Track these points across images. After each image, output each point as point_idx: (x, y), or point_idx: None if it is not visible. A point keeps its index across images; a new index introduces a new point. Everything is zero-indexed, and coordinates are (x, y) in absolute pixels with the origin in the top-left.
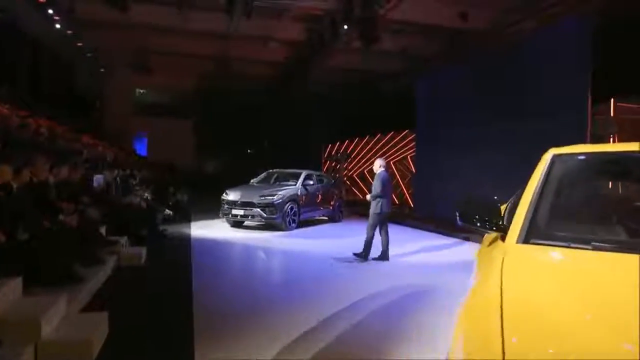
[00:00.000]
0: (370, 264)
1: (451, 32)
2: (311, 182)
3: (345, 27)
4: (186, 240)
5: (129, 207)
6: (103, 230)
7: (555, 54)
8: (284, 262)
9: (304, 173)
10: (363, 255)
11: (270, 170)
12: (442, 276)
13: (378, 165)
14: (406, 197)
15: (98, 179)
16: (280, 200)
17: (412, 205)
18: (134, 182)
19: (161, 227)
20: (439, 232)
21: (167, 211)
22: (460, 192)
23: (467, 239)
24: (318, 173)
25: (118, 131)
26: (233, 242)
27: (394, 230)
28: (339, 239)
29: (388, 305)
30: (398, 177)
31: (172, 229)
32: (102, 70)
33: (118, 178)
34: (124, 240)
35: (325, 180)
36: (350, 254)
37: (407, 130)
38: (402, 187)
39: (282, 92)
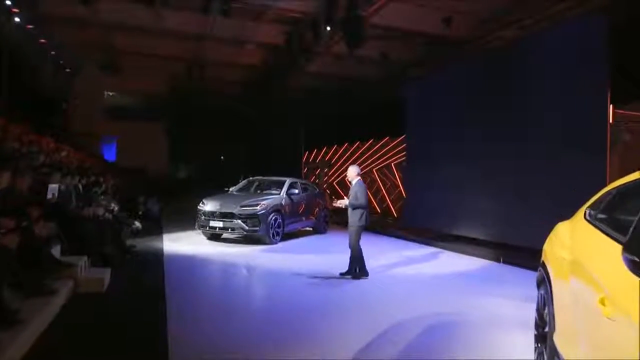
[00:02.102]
0: (367, 283)
1: (433, 38)
2: (296, 191)
3: (328, 28)
4: (158, 257)
5: (91, 221)
6: (57, 250)
7: (566, 55)
8: (275, 285)
9: (288, 181)
10: (364, 274)
11: (251, 178)
12: (453, 298)
13: (355, 173)
14: (389, 205)
15: (53, 189)
16: (264, 211)
17: (395, 215)
18: (99, 191)
19: (129, 243)
20: (427, 244)
21: (136, 224)
22: (456, 201)
23: (455, 250)
24: (302, 181)
25: (85, 135)
26: (212, 260)
27: (381, 242)
28: (330, 254)
29: (416, 346)
30: (380, 185)
31: (142, 244)
32: (68, 70)
33: (80, 186)
34: (82, 261)
35: (309, 189)
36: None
37: (387, 138)
38: (385, 195)
39: (258, 97)
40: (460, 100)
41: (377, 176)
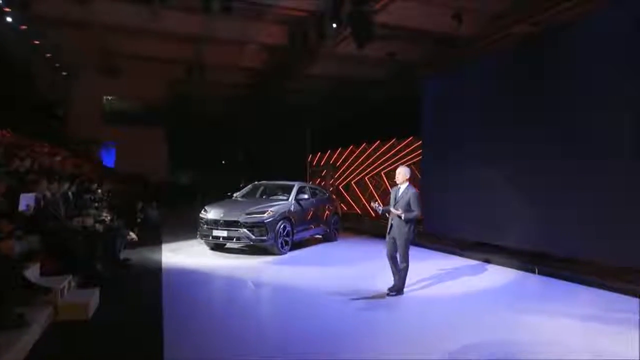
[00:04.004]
0: (403, 303)
1: (441, 37)
2: (305, 196)
3: (334, 25)
4: (156, 272)
5: (79, 233)
6: (35, 270)
7: (614, 41)
8: (294, 306)
9: (296, 185)
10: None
11: (256, 183)
12: (505, 319)
13: (406, 176)
14: None
15: (27, 198)
16: (272, 219)
17: None
18: (94, 197)
19: (123, 256)
20: (454, 253)
21: (132, 235)
22: (480, 206)
23: (487, 261)
24: (311, 185)
25: (84, 140)
26: (217, 275)
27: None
28: (349, 266)
29: None
30: (388, 187)
31: (139, 255)
32: (64, 73)
33: (70, 193)
34: (65, 282)
35: (318, 194)
36: (379, 287)
37: (394, 139)
38: None
39: (260, 99)
40: (488, 97)
41: (385, 180)
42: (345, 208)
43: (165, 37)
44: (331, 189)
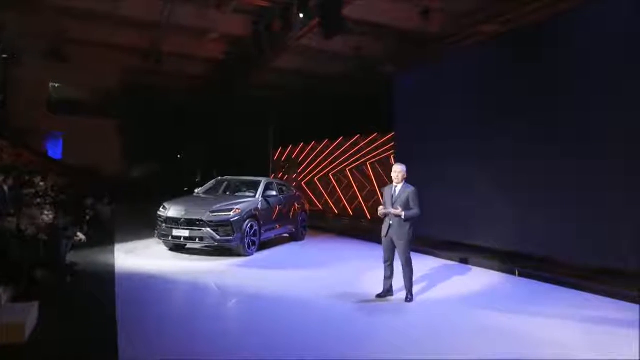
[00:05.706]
0: (390, 311)
1: (408, 34)
2: (273, 193)
3: (301, 15)
4: (108, 278)
5: (14, 235)
6: None
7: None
8: (269, 316)
9: (263, 181)
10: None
11: (219, 178)
12: (506, 324)
13: (403, 175)
14: (361, 204)
15: None
16: (238, 217)
17: (369, 217)
18: (35, 192)
19: (69, 260)
20: (430, 253)
21: (79, 235)
22: (455, 205)
23: (465, 261)
24: (279, 181)
25: (26, 129)
26: (179, 281)
27: (372, 251)
28: (324, 268)
29: None
30: (355, 187)
31: (89, 259)
32: (5, 55)
33: (6, 188)
34: None
35: (285, 190)
36: (362, 291)
37: (358, 135)
38: (360, 199)
39: (221, 92)
40: (463, 94)
41: (350, 177)
42: (307, 205)
43: (120, 22)
44: (294, 184)
